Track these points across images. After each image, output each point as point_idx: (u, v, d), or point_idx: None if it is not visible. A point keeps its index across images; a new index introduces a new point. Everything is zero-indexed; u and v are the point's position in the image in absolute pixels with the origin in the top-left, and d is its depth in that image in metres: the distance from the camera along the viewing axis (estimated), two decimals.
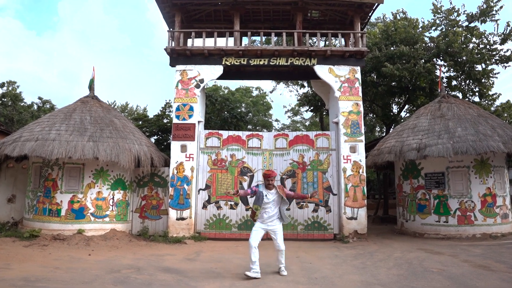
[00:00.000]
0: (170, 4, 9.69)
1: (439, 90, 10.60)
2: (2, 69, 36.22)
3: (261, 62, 9.45)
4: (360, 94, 9.34)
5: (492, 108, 13.20)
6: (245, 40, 11.56)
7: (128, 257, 6.48)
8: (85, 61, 48.82)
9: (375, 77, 13.32)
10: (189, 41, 9.82)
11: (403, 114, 15.88)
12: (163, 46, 9.46)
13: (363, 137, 9.13)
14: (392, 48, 12.73)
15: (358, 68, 9.47)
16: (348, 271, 5.51)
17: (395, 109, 15.66)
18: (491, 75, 12.31)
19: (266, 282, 4.89)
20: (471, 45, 12.26)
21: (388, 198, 14.20)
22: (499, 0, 12.13)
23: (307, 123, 26.30)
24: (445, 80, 12.78)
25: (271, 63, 9.47)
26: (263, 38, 11.00)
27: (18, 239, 7.60)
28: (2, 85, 19.97)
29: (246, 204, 8.87)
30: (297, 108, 24.00)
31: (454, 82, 13.05)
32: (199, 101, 9.46)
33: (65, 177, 8.34)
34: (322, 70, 9.43)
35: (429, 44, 12.91)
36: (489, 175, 8.72)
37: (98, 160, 8.04)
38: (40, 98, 21.55)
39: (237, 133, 9.49)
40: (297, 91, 19.83)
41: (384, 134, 15.04)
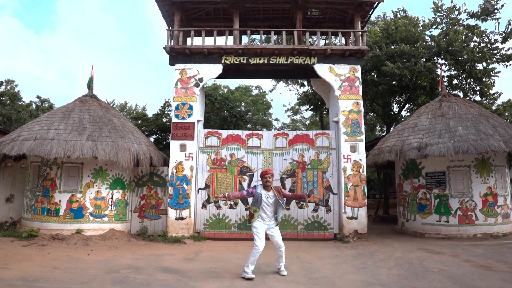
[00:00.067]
0: (170, 3, 9.63)
1: (440, 89, 10.57)
2: (0, 68, 36.22)
3: (261, 61, 9.41)
4: (361, 93, 9.30)
5: (493, 107, 13.17)
6: (245, 39, 11.53)
7: (127, 257, 6.45)
8: (84, 60, 48.88)
9: (376, 76, 13.29)
10: (189, 40, 9.78)
11: (404, 113, 15.86)
12: (163, 45, 9.45)
13: (364, 136, 9.10)
14: (393, 47, 12.69)
15: (359, 67, 9.43)
16: (349, 271, 5.49)
17: (396, 108, 15.64)
18: (492, 74, 12.28)
19: (266, 282, 4.87)
20: (472, 44, 12.23)
21: (389, 198, 14.17)
22: None
23: (307, 122, 26.26)
24: (446, 79, 12.74)
25: (271, 62, 9.44)
26: (263, 37, 10.95)
27: (17, 239, 7.59)
28: (0, 84, 19.91)
29: (246, 204, 8.83)
30: (297, 107, 23.96)
31: (455, 81, 13.02)
32: (199, 100, 9.42)
33: (64, 177, 8.31)
34: (322, 69, 9.39)
35: (430, 43, 12.87)
36: (490, 175, 8.68)
37: (97, 160, 8.01)
38: (39, 97, 21.53)
39: (237, 132, 9.45)
40: (297, 90, 19.81)
41: (385, 133, 15.02)
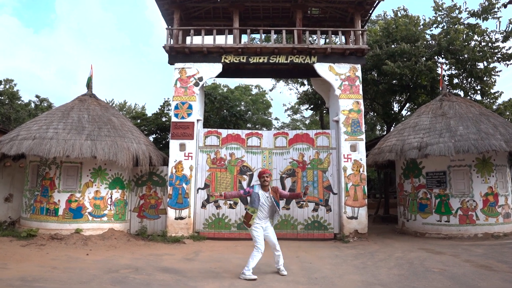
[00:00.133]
0: (169, 2, 9.60)
1: (441, 88, 10.54)
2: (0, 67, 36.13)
3: (261, 60, 9.38)
4: (361, 92, 9.27)
5: (494, 107, 13.14)
6: (245, 38, 11.46)
7: (126, 257, 6.43)
8: (83, 59, 48.81)
9: (376, 75, 13.25)
10: (188, 39, 9.75)
11: (404, 113, 15.83)
12: (162, 44, 9.40)
13: (364, 136, 9.07)
14: (393, 46, 12.66)
15: (359, 66, 9.40)
16: (349, 271, 5.47)
17: (396, 108, 15.61)
18: (493, 73, 12.26)
19: (266, 282, 4.85)
20: (473, 43, 12.20)
21: (389, 197, 14.14)
22: None
23: (307, 122, 26.23)
24: (447, 78, 12.72)
25: (271, 61, 9.41)
26: (263, 36, 10.89)
27: (16, 239, 7.57)
28: None
29: (246, 204, 8.79)
30: (297, 107, 23.93)
31: (456, 80, 12.99)
32: (198, 99, 9.38)
33: (63, 176, 8.29)
34: (322, 68, 9.35)
35: (431, 42, 12.84)
36: (491, 174, 8.65)
37: (96, 159, 7.99)
38: (38, 96, 21.50)
39: (237, 132, 9.42)
40: (297, 89, 19.78)
41: (385, 133, 14.99)
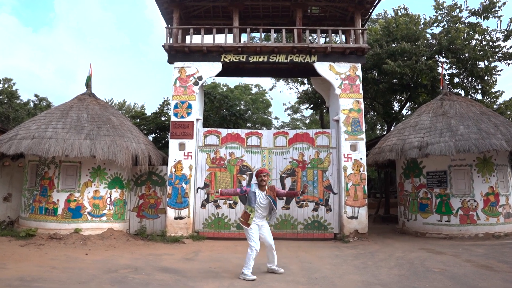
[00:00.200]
0: (168, 1, 9.57)
1: (441, 88, 10.51)
2: None
3: (261, 59, 9.35)
4: (361, 92, 9.24)
5: (495, 106, 13.09)
6: (244, 37, 11.42)
7: (126, 257, 6.41)
8: (82, 58, 48.71)
9: (376, 74, 13.22)
10: (188, 38, 9.71)
11: (405, 112, 15.79)
12: (161, 43, 9.36)
13: (364, 135, 9.05)
14: (394, 45, 12.62)
15: (359, 65, 9.37)
16: (349, 271, 5.45)
17: (397, 107, 15.59)
18: (494, 72, 12.22)
19: (266, 282, 4.83)
20: (474, 42, 12.16)
21: (389, 197, 14.10)
22: None
23: (307, 121, 26.19)
24: (447, 77, 12.69)
25: (271, 60, 9.38)
26: (263, 35, 10.85)
27: (14, 239, 7.55)
28: None
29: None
30: (297, 106, 23.91)
31: (456, 80, 12.95)
32: (198, 99, 9.35)
33: (62, 176, 8.25)
34: (322, 67, 9.32)
35: (431, 41, 12.79)
36: (492, 174, 8.62)
37: (95, 159, 7.96)
38: (37, 96, 21.44)
39: (236, 131, 9.39)
40: (297, 89, 19.76)
41: (385, 132, 14.96)
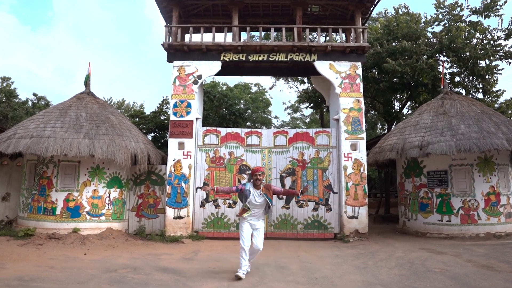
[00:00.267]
0: None
1: (442, 87, 10.47)
2: None
3: (260, 58, 9.31)
4: (361, 91, 9.19)
5: (496, 105, 13.07)
6: (244, 36, 11.37)
7: (125, 257, 6.39)
8: (81, 57, 48.49)
9: (377, 73, 13.17)
10: (187, 37, 9.68)
11: (405, 111, 15.76)
12: (161, 42, 9.32)
13: (364, 135, 9.01)
14: (394, 44, 12.57)
15: (359, 64, 9.32)
16: (349, 271, 5.43)
17: (397, 106, 15.55)
18: (495, 71, 12.18)
19: (266, 282, 4.80)
20: (475, 41, 12.12)
21: (390, 197, 14.07)
22: None
23: (307, 120, 26.13)
24: (448, 76, 12.64)
25: (271, 59, 9.34)
26: (262, 34, 10.81)
27: (13, 238, 7.52)
28: None
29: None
30: (297, 105, 23.87)
31: (457, 79, 12.90)
32: (197, 98, 9.31)
33: (61, 175, 8.22)
34: (323, 66, 9.28)
35: (432, 40, 12.74)
36: (493, 173, 8.58)
37: (94, 158, 7.92)
38: (35, 95, 21.30)
39: (236, 130, 9.35)
40: (297, 88, 19.70)
41: (386, 132, 14.92)
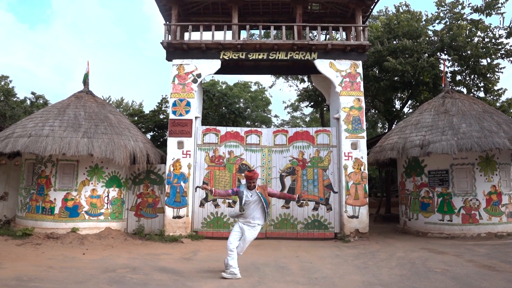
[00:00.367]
0: None
1: (443, 85, 10.43)
2: None
3: (260, 56, 9.26)
4: (362, 89, 9.15)
5: (498, 104, 13.03)
6: (244, 34, 11.31)
7: (124, 256, 6.36)
8: (79, 56, 48.18)
9: (377, 72, 13.13)
10: (186, 35, 9.63)
11: (406, 110, 15.72)
12: (160, 40, 9.26)
13: (365, 134, 8.97)
14: (395, 42, 12.52)
15: (360, 63, 9.27)
16: (349, 271, 5.41)
17: (398, 105, 15.51)
18: (497, 70, 12.14)
19: (266, 282, 4.79)
20: (476, 39, 12.09)
21: (391, 196, 14.02)
22: None
23: (307, 119, 26.09)
24: (449, 75, 12.59)
25: (270, 57, 9.29)
26: (262, 32, 10.74)
27: (11, 238, 7.50)
28: None
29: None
30: (297, 104, 23.80)
31: (459, 77, 12.86)
32: (196, 97, 9.27)
33: (59, 174, 8.19)
34: (323, 65, 9.22)
35: (433, 38, 12.70)
36: (495, 173, 8.53)
37: (93, 157, 7.87)
38: (33, 93, 21.22)
39: (235, 129, 9.30)
40: (297, 86, 19.63)
41: (387, 131, 14.86)
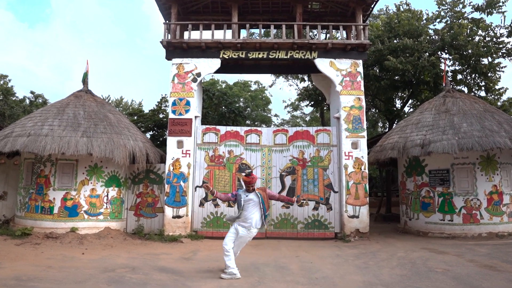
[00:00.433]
0: None
1: (444, 84, 10.40)
2: None
3: (260, 55, 9.23)
4: (362, 88, 9.12)
5: (499, 103, 13.01)
6: (244, 33, 11.27)
7: (123, 256, 6.35)
8: (79, 55, 48.09)
9: (378, 71, 13.09)
10: (186, 34, 9.59)
11: (407, 109, 15.69)
12: (159, 39, 9.24)
13: (365, 133, 8.94)
14: (395, 41, 12.48)
15: (360, 62, 9.24)
16: (350, 271, 5.39)
17: (398, 104, 15.47)
18: (498, 69, 12.10)
19: (265, 282, 4.77)
20: (477, 38, 12.05)
21: (391, 196, 14.01)
22: None
23: (307, 118, 26.05)
24: (450, 74, 12.56)
25: (270, 56, 9.26)
26: (262, 31, 10.71)
27: (10, 237, 7.49)
28: None
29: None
30: (297, 103, 23.74)
31: (459, 76, 12.84)
32: (196, 96, 9.24)
33: (58, 174, 8.17)
34: (323, 64, 9.19)
35: (434, 37, 12.65)
36: (496, 172, 8.49)
37: (92, 156, 7.85)
38: (32, 93, 21.17)
39: (235, 129, 9.28)
40: (297, 85, 19.59)
41: (387, 130, 14.84)
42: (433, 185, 8.82)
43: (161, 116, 15.15)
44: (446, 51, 12.23)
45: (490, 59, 11.97)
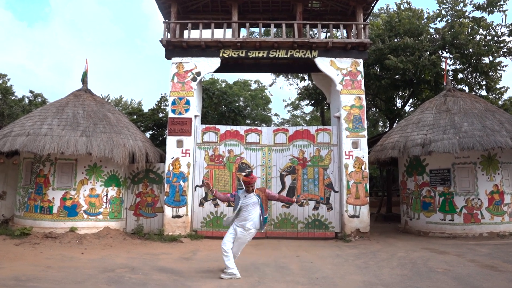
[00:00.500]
0: None
1: (445, 84, 10.37)
2: None
3: (260, 55, 9.20)
4: (363, 88, 9.09)
5: (500, 102, 12.98)
6: (244, 32, 11.23)
7: (122, 256, 6.34)
8: (78, 54, 47.91)
9: (378, 70, 13.06)
10: (186, 33, 9.56)
11: (407, 109, 15.66)
12: (159, 38, 9.22)
13: (366, 132, 8.92)
14: (396, 40, 12.44)
15: (361, 61, 9.21)
16: (350, 271, 5.38)
17: (399, 103, 15.43)
18: (499, 68, 12.05)
19: (265, 282, 4.76)
20: (478, 37, 12.00)
21: (392, 196, 14.00)
22: None
23: (308, 118, 26.01)
24: (451, 73, 12.52)
25: (270, 56, 9.23)
26: (262, 30, 10.67)
27: (9, 237, 7.48)
28: None
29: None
30: (297, 102, 23.69)
31: (460, 75, 12.80)
32: (196, 95, 9.21)
33: (57, 173, 8.15)
34: (323, 63, 9.16)
35: (434, 36, 12.61)
36: (497, 172, 8.47)
37: (91, 156, 7.83)
38: (32, 92, 21.13)
39: (235, 128, 9.25)
40: (297, 85, 19.57)
41: (388, 129, 14.81)
42: (434, 185, 8.80)
43: (161, 116, 15.12)
44: (447, 50, 12.20)
45: (491, 58, 11.92)
